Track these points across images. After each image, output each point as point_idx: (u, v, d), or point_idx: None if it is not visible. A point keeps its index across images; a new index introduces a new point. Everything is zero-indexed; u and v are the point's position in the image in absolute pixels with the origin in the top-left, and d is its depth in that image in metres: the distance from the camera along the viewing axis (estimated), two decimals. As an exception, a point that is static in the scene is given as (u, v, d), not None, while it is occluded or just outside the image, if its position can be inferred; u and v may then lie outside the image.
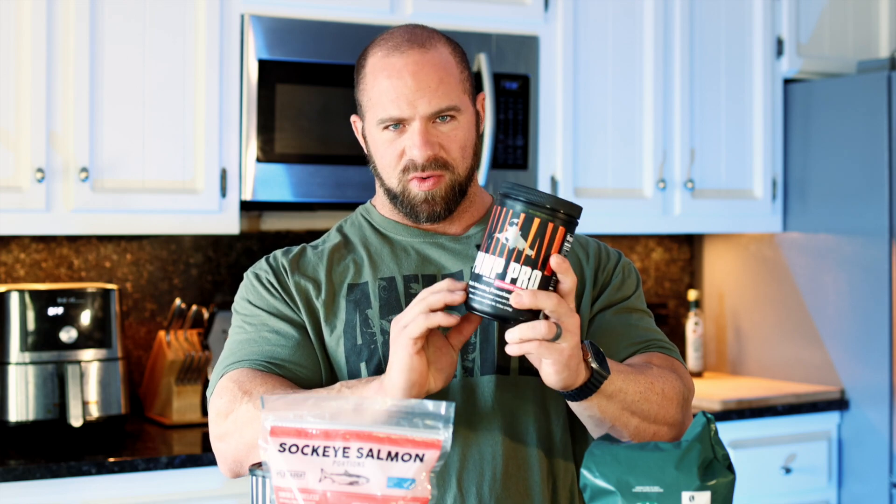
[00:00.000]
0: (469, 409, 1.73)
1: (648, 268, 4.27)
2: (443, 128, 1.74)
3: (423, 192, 1.76)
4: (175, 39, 3.15)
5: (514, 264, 1.50)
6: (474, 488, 1.71)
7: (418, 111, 1.72)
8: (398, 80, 1.72)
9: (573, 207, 1.52)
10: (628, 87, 3.76)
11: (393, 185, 1.78)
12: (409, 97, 1.72)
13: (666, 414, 1.69)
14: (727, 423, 3.56)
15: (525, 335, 1.50)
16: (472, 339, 1.75)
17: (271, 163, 3.21)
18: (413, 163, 1.74)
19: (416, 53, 1.74)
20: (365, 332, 1.76)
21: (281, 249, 1.86)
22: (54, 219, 3.03)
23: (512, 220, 1.51)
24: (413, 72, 1.72)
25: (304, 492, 1.28)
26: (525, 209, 1.50)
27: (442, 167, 1.75)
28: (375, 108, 1.75)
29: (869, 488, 3.72)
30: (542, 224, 1.50)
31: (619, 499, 1.39)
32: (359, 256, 1.83)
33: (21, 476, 2.75)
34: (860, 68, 3.96)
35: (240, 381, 1.70)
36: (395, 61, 1.74)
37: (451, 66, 1.76)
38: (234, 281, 3.55)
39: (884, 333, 3.68)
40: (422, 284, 1.79)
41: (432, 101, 1.72)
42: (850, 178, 3.80)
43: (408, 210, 1.79)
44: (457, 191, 1.78)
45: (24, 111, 2.99)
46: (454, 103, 1.74)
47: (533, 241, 1.50)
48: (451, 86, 1.75)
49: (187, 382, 3.23)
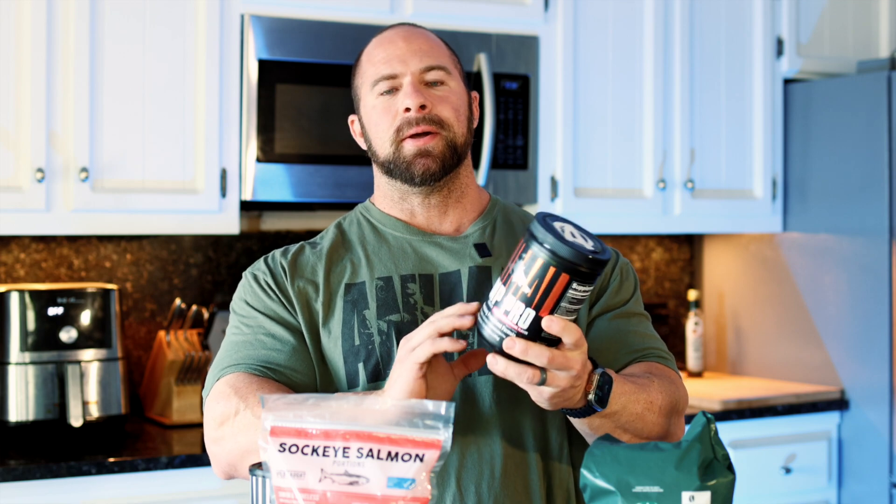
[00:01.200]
0: (467, 409, 1.73)
1: (648, 268, 4.27)
2: (434, 91, 1.79)
3: (416, 146, 1.77)
4: (175, 39, 3.15)
5: (511, 297, 1.48)
6: (473, 487, 1.72)
7: (409, 67, 1.78)
8: (390, 45, 1.81)
9: (581, 256, 1.44)
10: (628, 86, 3.76)
11: (387, 153, 1.79)
12: (400, 56, 1.79)
13: (659, 430, 1.71)
14: (727, 423, 3.56)
15: (508, 375, 1.51)
16: (470, 340, 1.75)
17: (271, 163, 3.21)
18: (406, 119, 1.77)
19: (408, 27, 1.86)
20: (362, 333, 1.76)
21: (280, 249, 1.86)
22: (54, 219, 3.03)
23: (522, 254, 1.48)
24: (405, 36, 1.82)
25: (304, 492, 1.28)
26: (532, 246, 1.47)
27: (436, 124, 1.77)
28: (369, 76, 1.81)
29: (869, 488, 3.72)
30: (543, 266, 1.45)
31: (619, 499, 1.39)
32: (356, 255, 1.83)
33: (21, 476, 2.75)
34: (860, 68, 3.96)
35: (236, 386, 1.70)
36: (388, 34, 1.84)
37: (440, 42, 1.85)
38: (234, 281, 3.55)
39: (884, 333, 3.68)
40: (419, 284, 1.78)
41: (423, 58, 1.79)
42: (850, 177, 3.80)
43: (402, 171, 1.79)
44: (453, 151, 1.79)
45: (24, 111, 2.99)
46: (444, 64, 1.81)
47: (532, 281, 1.46)
48: (441, 53, 1.82)
49: (187, 382, 3.23)
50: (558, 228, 1.47)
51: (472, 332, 1.68)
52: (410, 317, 1.76)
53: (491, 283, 1.78)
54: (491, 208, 1.88)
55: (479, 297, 1.76)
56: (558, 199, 3.62)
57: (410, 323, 1.75)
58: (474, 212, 1.86)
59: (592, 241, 1.49)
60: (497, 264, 1.80)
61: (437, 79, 1.79)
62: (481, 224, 1.85)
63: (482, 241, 1.83)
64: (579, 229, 1.50)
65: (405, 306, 1.77)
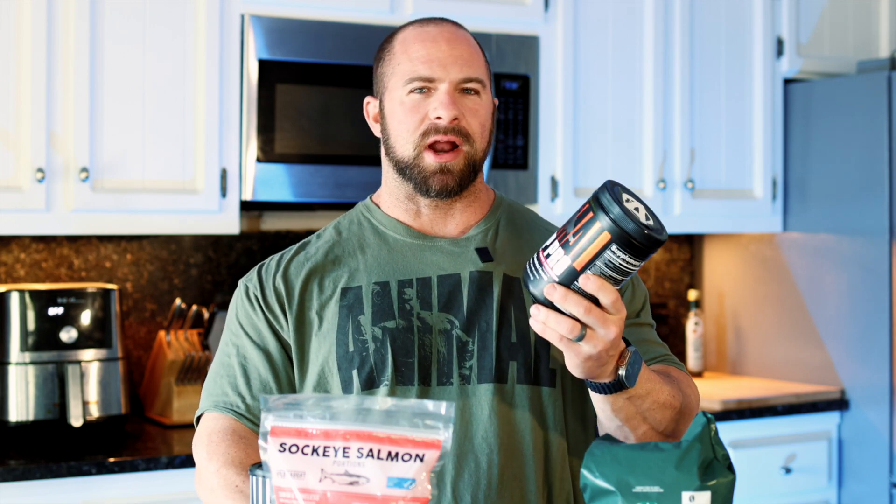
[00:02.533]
0: (465, 417, 1.71)
1: (648, 268, 4.27)
2: (467, 101, 1.76)
3: (438, 163, 1.75)
4: (175, 39, 3.15)
5: (556, 243, 1.51)
6: (469, 497, 1.70)
7: (449, 75, 1.75)
8: (433, 44, 1.76)
9: (627, 221, 1.46)
10: (628, 86, 3.76)
11: (407, 153, 1.76)
12: (442, 60, 1.75)
13: (676, 427, 1.70)
14: (727, 423, 3.56)
15: (549, 323, 1.52)
16: (469, 347, 1.73)
17: (271, 163, 3.21)
18: (435, 126, 1.74)
19: (450, 26, 1.80)
20: (357, 340, 1.74)
21: (275, 257, 1.84)
22: (54, 219, 3.03)
23: (581, 207, 1.51)
24: (448, 39, 1.77)
25: (304, 492, 1.28)
26: (591, 199, 1.50)
27: (463, 136, 1.75)
28: (404, 71, 1.76)
29: (869, 488, 3.72)
30: (591, 219, 1.48)
31: (619, 499, 1.39)
32: (354, 258, 1.80)
33: (21, 476, 2.75)
34: (860, 68, 3.96)
35: (210, 436, 1.76)
36: (431, 30, 1.78)
37: (479, 51, 1.82)
38: (234, 281, 3.55)
39: (884, 333, 3.68)
40: (416, 289, 1.76)
41: (464, 68, 1.76)
42: (850, 177, 3.80)
43: (418, 181, 1.76)
44: (472, 168, 1.78)
45: (24, 111, 2.99)
46: (481, 77, 1.78)
47: (578, 230, 1.49)
48: (480, 64, 1.79)
49: (187, 382, 3.23)
50: (622, 196, 1.49)
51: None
52: (406, 323, 1.74)
53: (492, 289, 1.76)
54: (495, 209, 1.85)
55: (480, 302, 1.75)
56: (558, 199, 3.62)
57: (406, 329, 1.73)
58: (480, 213, 1.84)
59: (654, 220, 1.50)
60: (499, 269, 1.78)
61: (472, 89, 1.77)
62: (484, 226, 1.82)
63: (484, 244, 1.80)
64: (648, 209, 1.51)
65: (401, 312, 1.74)
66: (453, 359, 1.73)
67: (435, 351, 1.73)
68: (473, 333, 1.74)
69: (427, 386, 1.72)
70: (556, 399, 1.75)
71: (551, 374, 1.75)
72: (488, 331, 1.74)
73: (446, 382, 1.72)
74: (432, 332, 1.74)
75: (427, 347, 1.73)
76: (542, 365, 1.75)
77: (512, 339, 1.74)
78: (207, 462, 1.74)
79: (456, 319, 1.75)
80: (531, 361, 1.74)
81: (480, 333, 1.74)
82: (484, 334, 1.74)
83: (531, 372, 1.74)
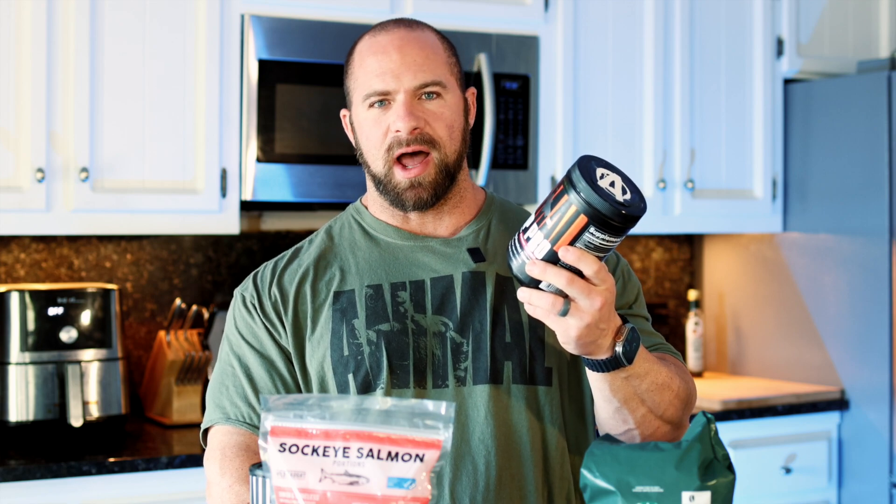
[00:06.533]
0: (462, 419, 1.71)
1: (648, 268, 4.27)
2: (428, 105, 1.73)
3: (408, 178, 1.73)
4: (175, 39, 3.15)
5: (535, 226, 1.52)
6: (468, 499, 1.69)
7: (403, 84, 1.71)
8: (383, 56, 1.72)
9: (600, 202, 1.46)
10: (628, 86, 3.76)
11: (378, 169, 1.76)
12: (394, 71, 1.71)
13: (675, 413, 1.68)
14: (727, 423, 3.56)
15: (533, 301, 1.53)
16: (464, 349, 1.73)
17: (271, 163, 3.21)
18: (397, 138, 1.71)
19: (402, 31, 1.75)
20: (351, 343, 1.73)
21: (270, 263, 1.83)
22: (54, 219, 3.03)
23: (556, 187, 1.51)
24: (398, 47, 1.73)
25: (304, 492, 1.28)
26: (564, 178, 1.50)
27: (428, 143, 1.72)
28: (361, 87, 1.74)
29: (869, 488, 3.72)
30: (567, 202, 1.48)
31: (619, 499, 1.39)
32: (346, 262, 1.79)
33: (21, 476, 2.75)
34: (860, 68, 3.96)
35: (224, 451, 1.73)
36: (381, 38, 1.74)
37: (437, 47, 1.76)
38: (234, 281, 3.55)
39: (884, 333, 3.68)
40: (409, 291, 1.75)
41: (417, 74, 1.71)
42: (850, 178, 3.80)
43: (393, 198, 1.76)
44: (444, 174, 1.74)
45: (24, 111, 2.99)
46: (439, 79, 1.73)
47: (555, 213, 1.49)
48: (437, 64, 1.74)
49: (187, 382, 3.23)
50: (596, 173, 1.48)
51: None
52: (400, 325, 1.73)
53: (485, 289, 1.76)
54: (486, 209, 1.84)
55: (473, 302, 1.74)
56: (558, 199, 3.62)
57: (400, 332, 1.73)
58: (470, 213, 1.82)
59: (632, 193, 1.49)
60: (491, 269, 1.77)
61: (432, 92, 1.73)
62: (476, 226, 1.81)
63: (476, 245, 1.79)
64: (625, 180, 1.50)
65: (395, 315, 1.74)
66: (448, 361, 1.72)
67: (430, 353, 1.73)
68: (468, 335, 1.73)
69: (423, 388, 1.72)
70: (553, 397, 1.74)
71: (547, 372, 1.75)
72: (482, 331, 1.73)
73: (442, 384, 1.72)
74: (427, 335, 1.73)
75: (422, 350, 1.73)
76: (538, 364, 1.74)
77: (506, 339, 1.74)
78: (220, 477, 1.72)
79: (450, 321, 1.74)
80: (526, 361, 1.74)
81: (474, 334, 1.73)
82: (478, 335, 1.73)
83: (526, 371, 1.73)
